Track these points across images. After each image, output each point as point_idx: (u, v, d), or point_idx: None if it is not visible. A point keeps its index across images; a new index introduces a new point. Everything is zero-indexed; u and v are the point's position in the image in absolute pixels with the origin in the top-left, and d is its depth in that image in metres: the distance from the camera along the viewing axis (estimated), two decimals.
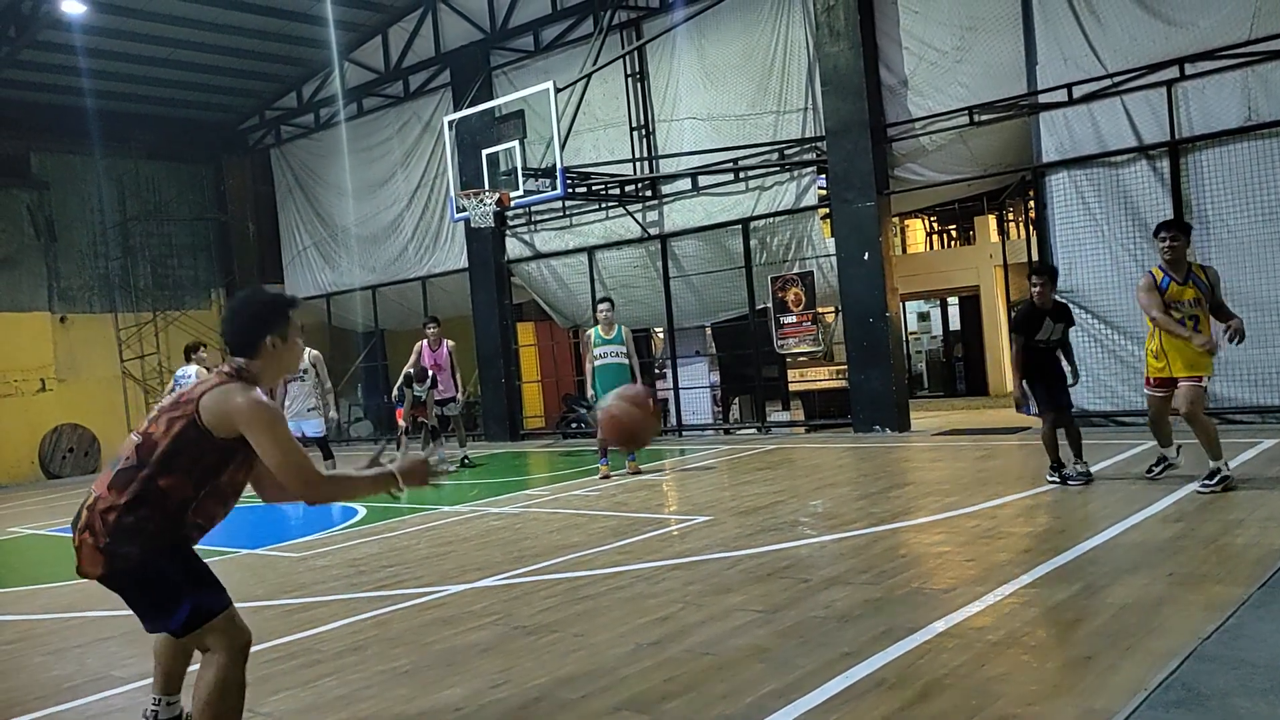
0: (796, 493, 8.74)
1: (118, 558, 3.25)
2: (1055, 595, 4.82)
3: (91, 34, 15.96)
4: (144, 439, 3.31)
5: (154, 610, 3.37)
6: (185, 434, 3.27)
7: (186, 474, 3.29)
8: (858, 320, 13.03)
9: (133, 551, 3.25)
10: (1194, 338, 6.91)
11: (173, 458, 3.27)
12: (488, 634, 5.05)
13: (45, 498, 14.99)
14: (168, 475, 3.27)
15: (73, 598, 7.01)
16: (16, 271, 18.52)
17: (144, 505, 3.26)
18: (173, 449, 3.27)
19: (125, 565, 3.27)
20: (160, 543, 3.30)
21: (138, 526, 3.25)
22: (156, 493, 3.26)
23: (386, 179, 18.80)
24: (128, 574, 3.29)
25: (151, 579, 3.31)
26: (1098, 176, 11.39)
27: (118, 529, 3.23)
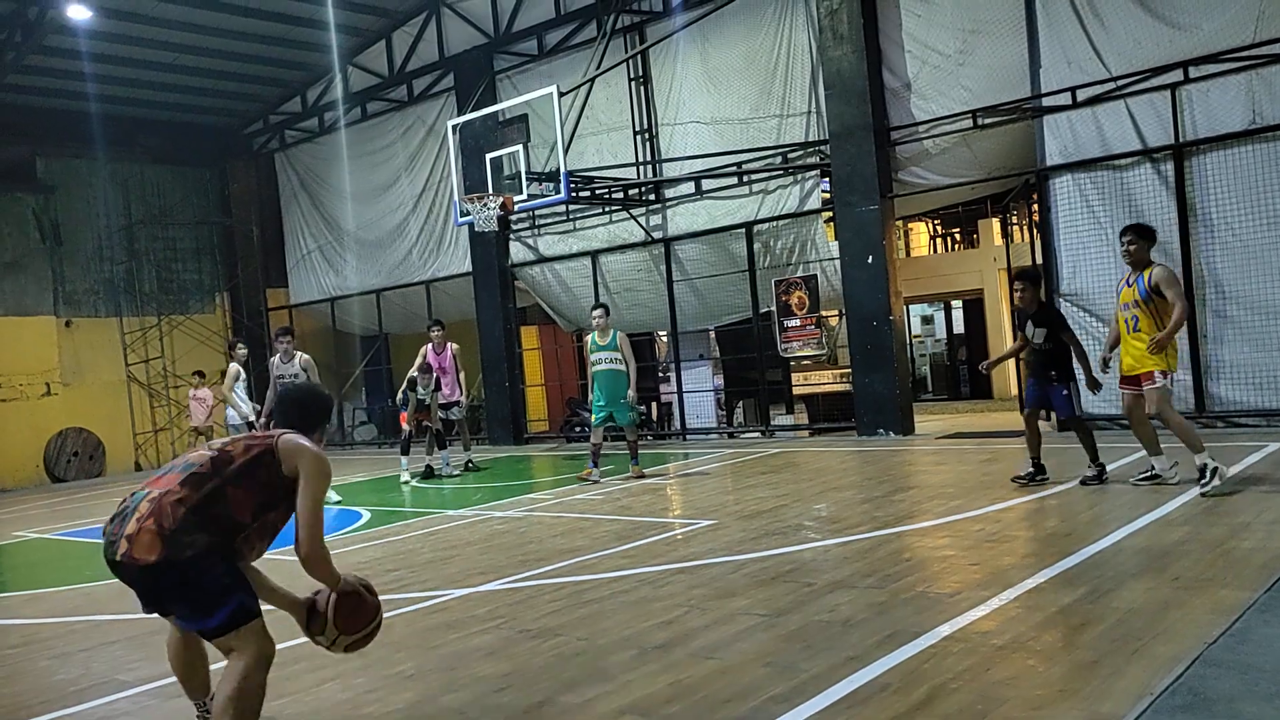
0: (800, 496, 8.73)
1: (182, 545, 3.41)
2: (1061, 599, 4.81)
3: (96, 39, 16.01)
4: (220, 453, 3.64)
5: (198, 605, 3.50)
6: (261, 458, 3.64)
7: (251, 494, 3.60)
8: (861, 323, 13.03)
9: (199, 539, 3.45)
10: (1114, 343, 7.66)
11: (245, 476, 3.60)
12: (492, 638, 5.05)
13: (49, 501, 15.02)
14: (237, 489, 3.57)
15: (77, 601, 7.02)
16: (22, 275, 18.57)
17: (215, 507, 3.52)
18: (247, 468, 3.61)
19: (184, 555, 3.41)
20: (219, 544, 3.53)
21: (204, 524, 3.48)
22: (225, 503, 3.54)
23: (391, 183, 18.83)
24: (184, 563, 3.42)
25: (204, 572, 3.46)
26: (1102, 180, 11.38)
27: (187, 519, 3.45)
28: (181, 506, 3.46)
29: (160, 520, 3.43)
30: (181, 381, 20.18)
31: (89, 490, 16.48)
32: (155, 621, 6.10)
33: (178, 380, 20.11)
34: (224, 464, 3.61)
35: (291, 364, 10.79)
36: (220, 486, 3.55)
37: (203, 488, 3.52)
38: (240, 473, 3.60)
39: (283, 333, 11.00)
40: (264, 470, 3.63)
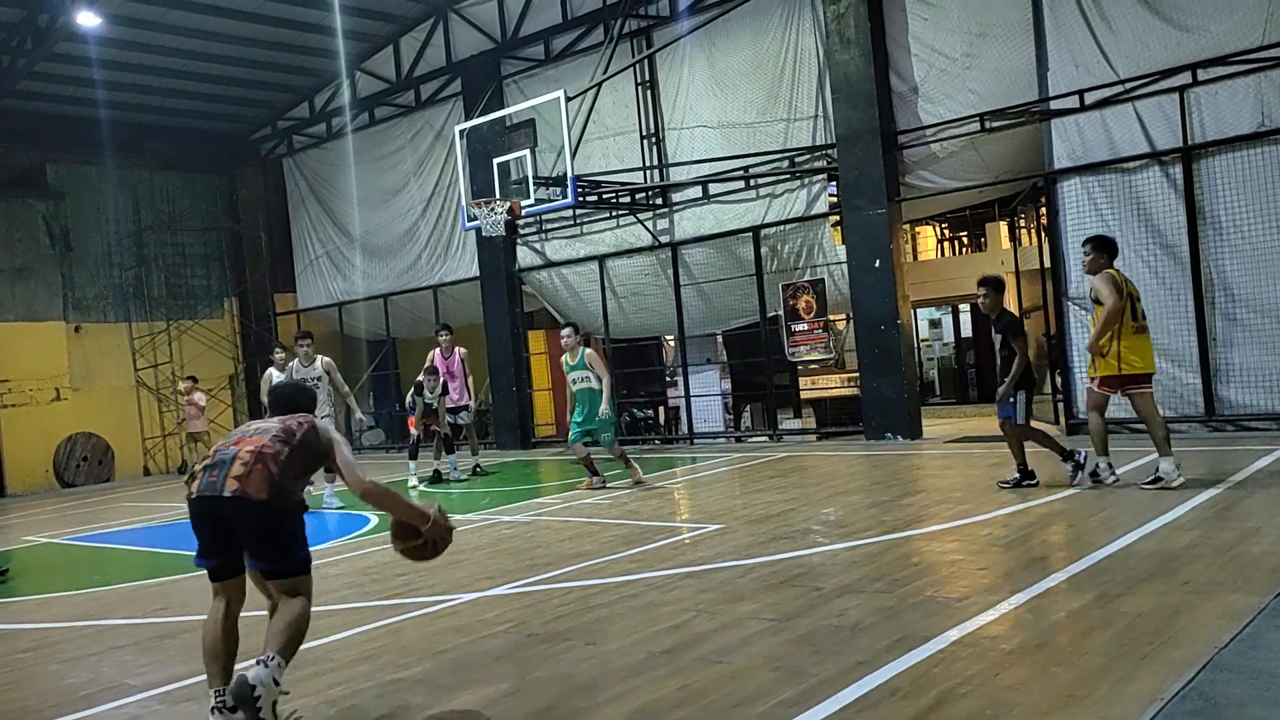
0: (808, 501, 8.72)
1: (285, 492, 4.06)
2: (1070, 604, 4.79)
3: (106, 46, 16.09)
4: (282, 428, 4.24)
5: (279, 547, 4.09)
6: (310, 434, 4.28)
7: (306, 462, 4.25)
8: (869, 327, 13.01)
9: (293, 491, 4.15)
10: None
11: (304, 445, 4.24)
12: (500, 642, 5.05)
13: (59, 506, 15.07)
14: (304, 457, 4.22)
15: (87, 606, 7.04)
16: (32, 281, 18.65)
17: (295, 467, 4.16)
18: (305, 440, 4.24)
19: (284, 502, 4.06)
20: (300, 499, 4.27)
21: (295, 479, 4.16)
22: (297, 466, 4.18)
23: (399, 188, 18.88)
24: (282, 509, 4.06)
25: (294, 519, 4.15)
26: (1110, 183, 11.35)
27: (287, 472, 4.08)
28: (280, 460, 4.07)
29: (269, 465, 4.02)
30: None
31: (98, 495, 16.53)
32: (164, 626, 6.14)
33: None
34: (290, 435, 4.20)
35: (312, 367, 10.79)
36: (293, 452, 4.14)
37: (285, 450, 4.12)
38: (302, 443, 4.21)
39: (302, 336, 11.02)
40: (313, 443, 4.26)
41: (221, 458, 4.09)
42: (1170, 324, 11.00)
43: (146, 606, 6.83)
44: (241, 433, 4.28)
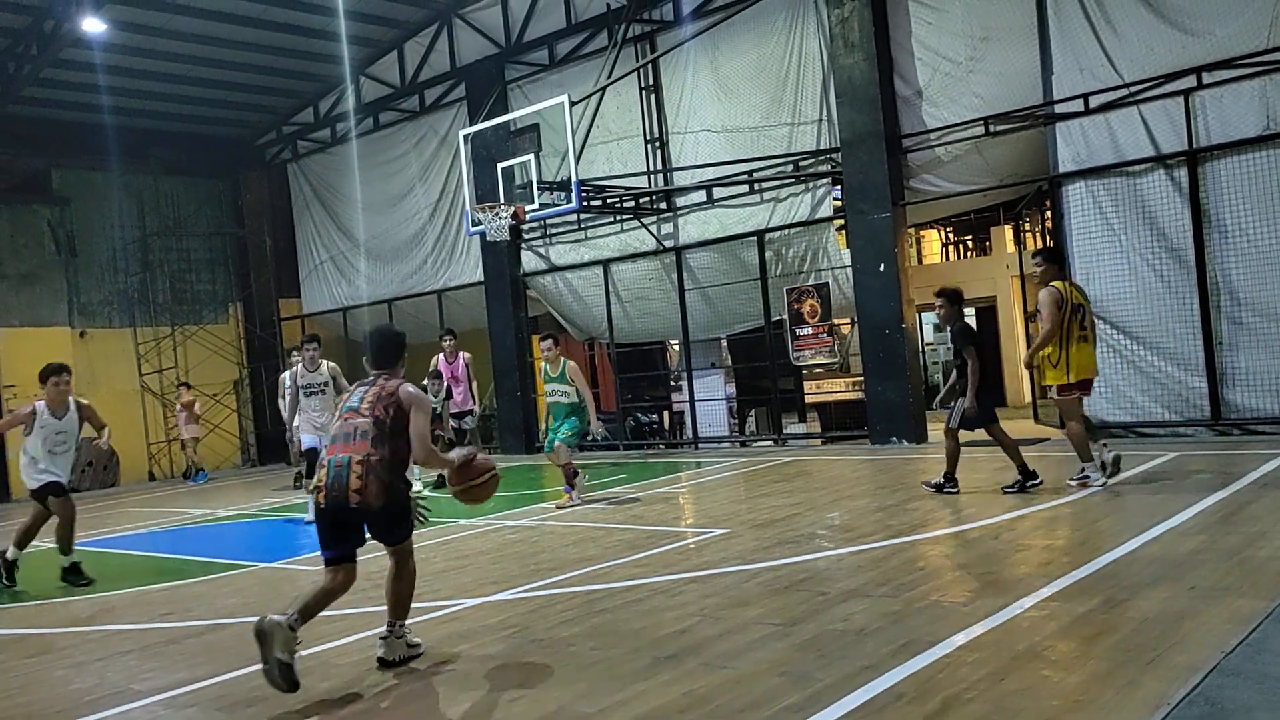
0: (813, 505, 8.71)
1: (397, 491, 4.89)
2: (1075, 608, 4.78)
3: (111, 52, 16.13)
4: (375, 419, 4.88)
5: (396, 528, 4.98)
6: (400, 411, 4.92)
7: (404, 438, 4.90)
8: (874, 331, 13.00)
9: (401, 486, 4.93)
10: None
11: (399, 424, 4.89)
12: (505, 647, 5.05)
13: None
14: (401, 437, 4.88)
15: (92, 611, 7.05)
16: (37, 287, 18.69)
17: (398, 456, 4.88)
18: (398, 422, 4.90)
19: (398, 496, 4.90)
20: (406, 481, 5.00)
21: (399, 471, 4.90)
22: (403, 448, 4.89)
23: (404, 193, 18.90)
24: (396, 502, 4.89)
25: (404, 504, 4.98)
26: (1115, 186, 11.34)
27: (393, 472, 4.85)
28: (383, 463, 4.80)
29: (379, 475, 4.77)
30: (196, 391, 20.26)
31: (104, 500, 16.55)
32: (169, 632, 6.14)
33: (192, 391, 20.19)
34: (383, 424, 4.86)
35: (318, 371, 10.76)
36: (393, 437, 4.84)
37: (386, 446, 4.82)
38: (395, 426, 4.88)
39: (309, 340, 10.98)
40: (404, 418, 4.90)
41: (339, 470, 4.79)
42: (1176, 328, 10.98)
43: (152, 612, 6.84)
44: (345, 435, 4.89)
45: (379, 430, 4.84)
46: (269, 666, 4.43)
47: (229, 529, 11.46)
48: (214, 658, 5.42)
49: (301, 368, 10.82)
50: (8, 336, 18.08)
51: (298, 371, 10.86)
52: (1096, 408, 11.55)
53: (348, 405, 5.02)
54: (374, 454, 4.79)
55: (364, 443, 4.82)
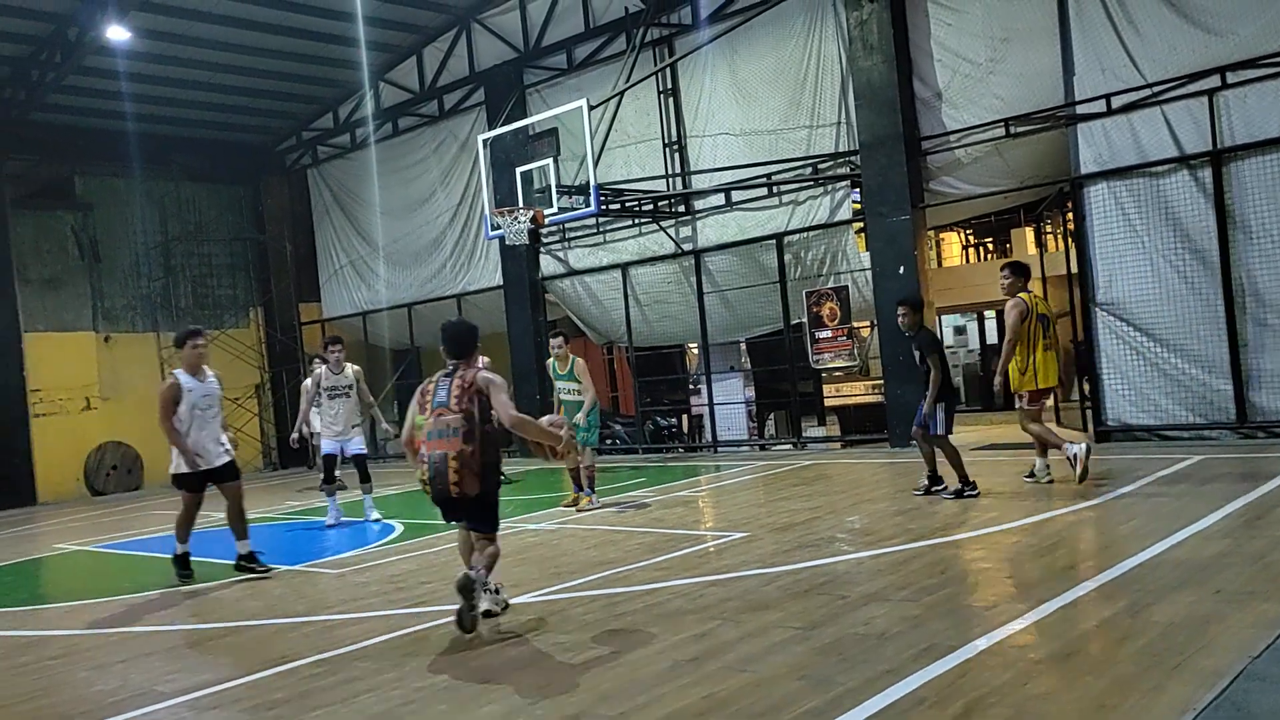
0: (833, 508, 8.68)
1: (489, 481, 5.45)
2: (1100, 613, 4.74)
3: (134, 59, 16.29)
4: (463, 411, 5.38)
5: (489, 516, 5.61)
6: (482, 400, 5.43)
7: (491, 422, 5.42)
8: (893, 334, 12.92)
9: (494, 478, 5.52)
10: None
11: (485, 412, 5.42)
12: (525, 650, 5.05)
13: (89, 514, 15.22)
14: (489, 424, 5.42)
15: (116, 613, 7.11)
16: (62, 292, 18.88)
17: (490, 446, 5.44)
18: (484, 411, 5.42)
19: (490, 486, 5.49)
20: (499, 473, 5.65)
21: (492, 461, 5.48)
22: (491, 437, 5.41)
23: (423, 198, 18.98)
24: (489, 492, 5.49)
25: (494, 495, 5.58)
26: (1138, 187, 11.25)
27: (486, 465, 5.39)
28: (477, 458, 5.34)
29: (473, 468, 5.32)
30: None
31: (128, 503, 16.69)
32: (192, 634, 6.19)
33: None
34: (472, 416, 5.37)
35: (343, 374, 10.80)
36: (484, 431, 5.38)
37: (476, 438, 5.35)
38: (483, 414, 5.41)
39: (333, 342, 11.00)
40: (487, 405, 5.42)
41: (436, 466, 5.35)
42: (1200, 330, 10.88)
43: (176, 614, 6.89)
44: (439, 432, 5.37)
45: (469, 425, 5.36)
46: (473, 614, 5.32)
47: (251, 532, 11.50)
48: (238, 660, 5.45)
49: (326, 370, 10.84)
50: (34, 341, 18.27)
51: (321, 374, 10.89)
52: (1120, 410, 11.48)
53: (437, 401, 5.48)
54: (466, 449, 5.33)
55: (456, 439, 5.33)
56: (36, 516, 15.86)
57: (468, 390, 5.43)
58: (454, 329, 5.82)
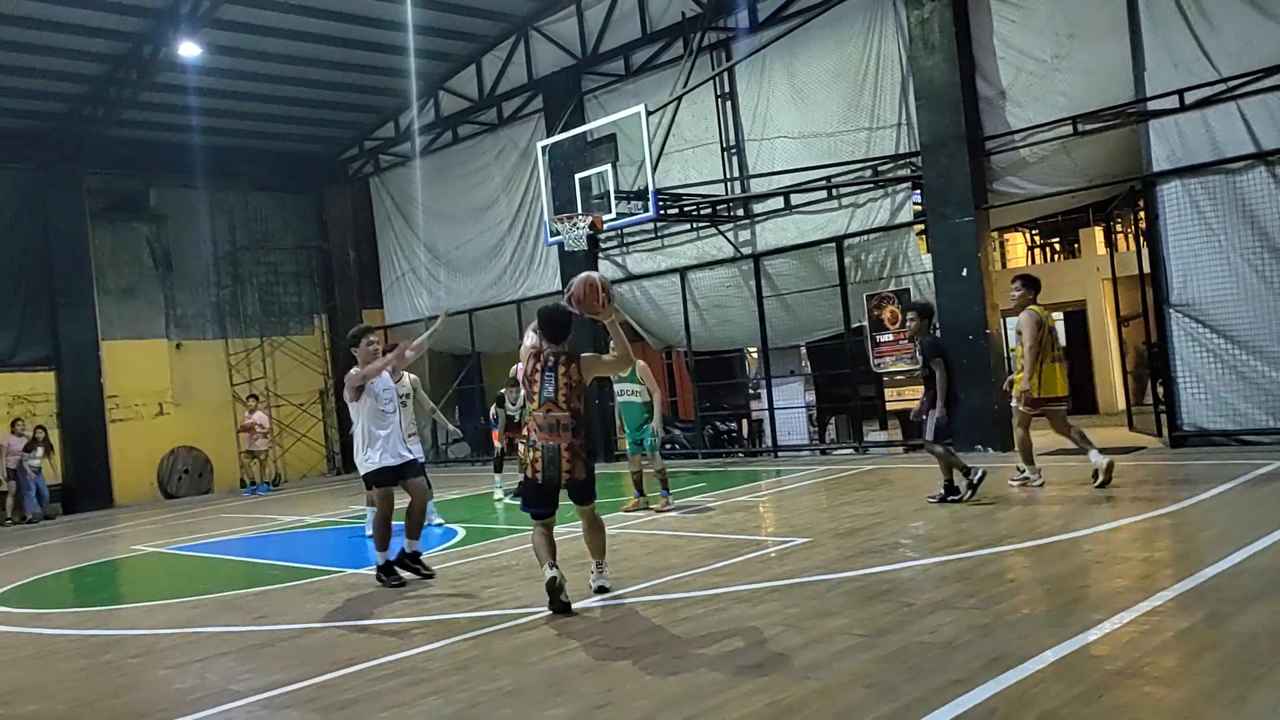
0: (896, 514, 8.57)
1: (592, 460, 6.18)
2: (1177, 623, 4.61)
3: (204, 74, 16.72)
4: (572, 411, 6.00)
5: (589, 491, 6.23)
6: (582, 382, 6.11)
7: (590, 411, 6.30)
8: (956, 337, 12.74)
9: (593, 461, 6.20)
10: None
11: (583, 398, 6.11)
12: (588, 655, 5.06)
13: (163, 517, 15.64)
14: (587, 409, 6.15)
15: (192, 614, 7.28)
16: (137, 301, 19.45)
17: (591, 431, 6.13)
18: (583, 396, 6.11)
19: (592, 467, 6.18)
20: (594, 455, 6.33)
21: (593, 446, 6.22)
22: (591, 424, 6.18)
23: (482, 205, 19.16)
24: (591, 472, 6.15)
25: (594, 473, 6.21)
26: (1213, 185, 10.94)
27: (588, 446, 6.11)
28: (583, 445, 6.05)
29: (582, 455, 6.05)
30: (283, 401, 20.82)
31: (199, 506, 17.11)
32: (263, 634, 6.31)
33: (280, 400, 20.77)
34: (579, 413, 6.03)
35: (401, 383, 10.86)
36: (587, 429, 6.09)
37: (583, 430, 6.05)
38: (587, 406, 6.13)
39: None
40: (587, 399, 6.14)
41: (551, 456, 5.97)
42: None
43: (247, 615, 7.04)
44: (550, 426, 5.98)
45: (576, 420, 6.00)
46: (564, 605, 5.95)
47: (317, 535, 11.74)
48: (307, 660, 5.55)
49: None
50: (111, 349, 18.84)
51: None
52: (1196, 415, 11.18)
53: (545, 395, 6.04)
54: (575, 441, 6.01)
55: (567, 434, 5.99)
56: (114, 519, 16.33)
57: (575, 390, 6.04)
58: (551, 315, 6.23)
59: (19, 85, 16.40)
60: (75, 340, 18.20)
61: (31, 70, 16.04)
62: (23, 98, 16.84)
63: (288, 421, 20.94)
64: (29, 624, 7.54)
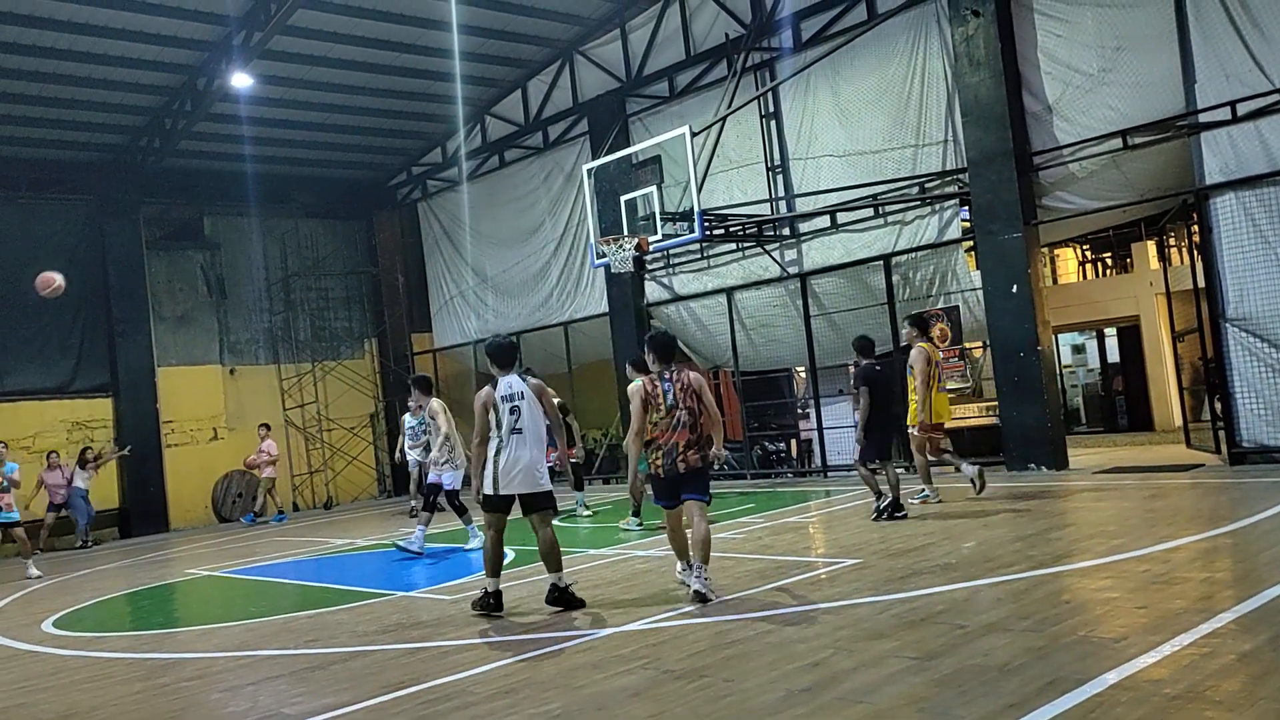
0: (948, 534, 8.45)
1: (706, 455, 6.85)
2: (1240, 645, 4.49)
3: (255, 104, 17.09)
4: (688, 409, 6.80)
5: (704, 485, 6.88)
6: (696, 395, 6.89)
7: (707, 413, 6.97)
8: (1007, 354, 12.59)
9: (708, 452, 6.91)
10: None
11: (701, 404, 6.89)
12: (637, 678, 5.05)
13: (217, 541, 15.88)
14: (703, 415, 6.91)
15: (245, 637, 7.38)
16: (192, 328, 19.85)
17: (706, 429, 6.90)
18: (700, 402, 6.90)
19: (707, 458, 6.86)
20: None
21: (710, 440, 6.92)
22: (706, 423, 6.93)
23: (530, 228, 19.33)
24: (707, 462, 6.85)
25: (709, 470, 6.91)
26: (1269, 197, 10.71)
27: (703, 446, 6.83)
28: (700, 439, 6.81)
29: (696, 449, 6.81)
30: (335, 425, 21.09)
31: (253, 530, 17.35)
32: (315, 658, 6.38)
33: (331, 424, 21.04)
34: (694, 410, 6.83)
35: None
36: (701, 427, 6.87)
37: (698, 427, 6.84)
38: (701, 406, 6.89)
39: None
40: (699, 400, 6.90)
41: (673, 449, 6.77)
42: None
43: (299, 638, 7.11)
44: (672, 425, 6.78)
45: (692, 418, 6.81)
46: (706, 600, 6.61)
47: (368, 558, 11.85)
48: (358, 683, 5.59)
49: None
50: (167, 375, 19.22)
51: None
52: (1255, 431, 10.91)
53: (669, 403, 6.82)
54: (693, 436, 6.79)
55: (685, 430, 6.78)
56: (170, 542, 16.62)
57: (688, 390, 6.84)
58: (661, 340, 7.15)
59: (79, 119, 16.90)
60: (132, 367, 18.59)
61: (90, 104, 16.52)
62: (82, 130, 17.34)
63: (339, 445, 21.20)
64: (85, 648, 7.69)
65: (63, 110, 16.50)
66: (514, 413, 6.98)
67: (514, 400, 7.00)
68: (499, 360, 7.14)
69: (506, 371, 7.12)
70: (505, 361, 7.15)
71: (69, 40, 14.58)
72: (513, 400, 7.00)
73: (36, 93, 15.79)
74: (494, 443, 6.97)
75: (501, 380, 7.05)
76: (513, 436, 6.95)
